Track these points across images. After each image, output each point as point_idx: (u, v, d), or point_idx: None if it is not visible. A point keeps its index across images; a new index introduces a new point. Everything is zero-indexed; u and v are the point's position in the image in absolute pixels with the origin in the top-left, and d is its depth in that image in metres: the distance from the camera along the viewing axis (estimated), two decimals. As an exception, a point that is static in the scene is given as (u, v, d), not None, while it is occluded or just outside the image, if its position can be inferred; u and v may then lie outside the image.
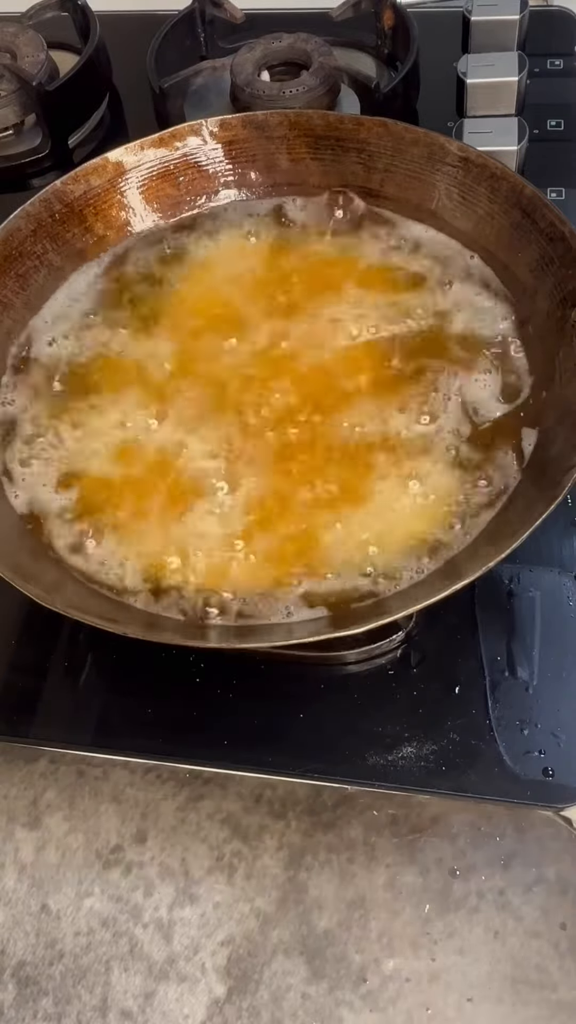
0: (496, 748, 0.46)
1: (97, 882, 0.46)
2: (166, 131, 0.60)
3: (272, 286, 0.58)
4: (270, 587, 0.47)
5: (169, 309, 0.58)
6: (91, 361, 0.56)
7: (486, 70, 0.67)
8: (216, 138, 0.61)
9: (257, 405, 0.53)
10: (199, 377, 0.54)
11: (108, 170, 0.60)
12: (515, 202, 0.54)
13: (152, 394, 0.54)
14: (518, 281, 0.54)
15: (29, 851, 0.48)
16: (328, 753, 0.47)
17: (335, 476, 0.50)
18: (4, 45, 0.76)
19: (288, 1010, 0.43)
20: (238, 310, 0.57)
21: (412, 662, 0.49)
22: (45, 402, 0.54)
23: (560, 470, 0.44)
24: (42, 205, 0.58)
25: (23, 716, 0.51)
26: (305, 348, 0.54)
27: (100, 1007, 0.44)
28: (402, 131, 0.57)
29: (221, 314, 0.57)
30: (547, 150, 0.67)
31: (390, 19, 0.74)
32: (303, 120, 0.59)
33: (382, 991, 0.43)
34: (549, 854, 0.44)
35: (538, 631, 0.49)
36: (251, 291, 0.58)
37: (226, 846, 0.46)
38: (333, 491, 0.49)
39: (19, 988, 0.45)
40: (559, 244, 0.51)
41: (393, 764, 0.46)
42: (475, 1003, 0.42)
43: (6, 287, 0.56)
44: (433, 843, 0.45)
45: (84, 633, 0.52)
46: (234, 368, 0.54)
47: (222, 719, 0.49)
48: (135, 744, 0.49)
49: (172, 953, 0.45)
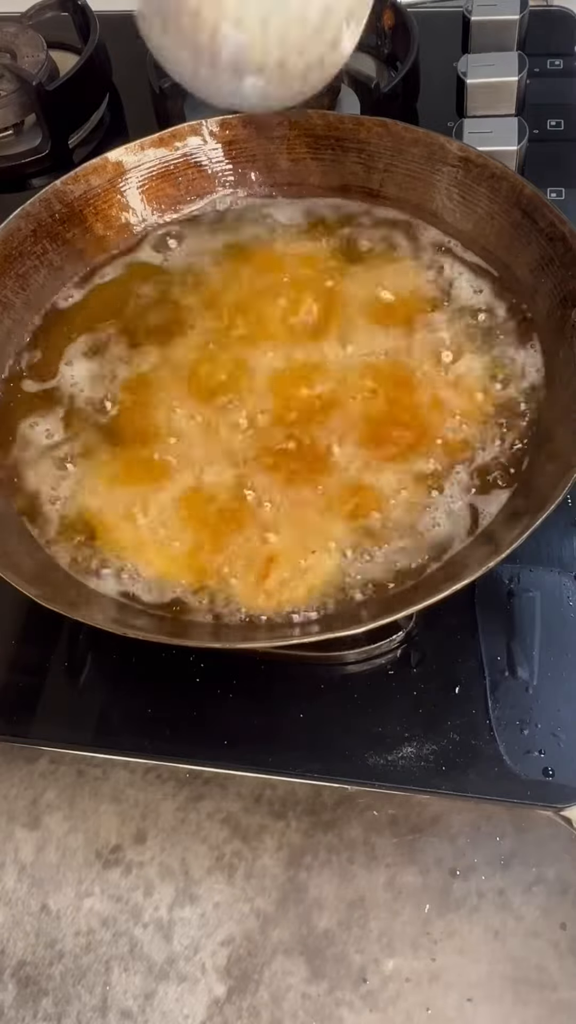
0: (496, 748, 0.46)
1: (97, 882, 0.46)
2: (166, 131, 0.60)
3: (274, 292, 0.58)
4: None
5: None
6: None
7: (486, 70, 0.67)
8: (216, 138, 0.61)
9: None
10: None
11: (108, 170, 0.60)
12: (515, 202, 0.54)
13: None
14: (518, 281, 0.54)
15: (29, 851, 0.48)
16: (328, 753, 0.47)
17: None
18: (4, 45, 0.76)
19: (288, 1010, 0.43)
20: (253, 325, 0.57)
21: (412, 662, 0.49)
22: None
23: (560, 470, 0.44)
24: (42, 205, 0.58)
25: (23, 716, 0.51)
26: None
27: (100, 1007, 0.44)
28: (402, 131, 0.57)
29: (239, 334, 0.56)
30: (547, 150, 0.67)
31: (390, 19, 0.74)
32: (303, 120, 0.59)
33: (382, 991, 0.43)
34: (549, 854, 0.44)
35: (538, 631, 0.49)
36: (253, 298, 0.57)
37: (226, 846, 0.46)
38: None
39: (19, 988, 0.45)
40: (559, 244, 0.51)
41: (393, 764, 0.46)
42: (475, 1003, 0.42)
43: (6, 287, 0.56)
44: (433, 843, 0.45)
45: (84, 633, 0.52)
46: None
47: (222, 719, 0.49)
48: (135, 744, 0.49)
49: (172, 953, 0.45)
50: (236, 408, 0.53)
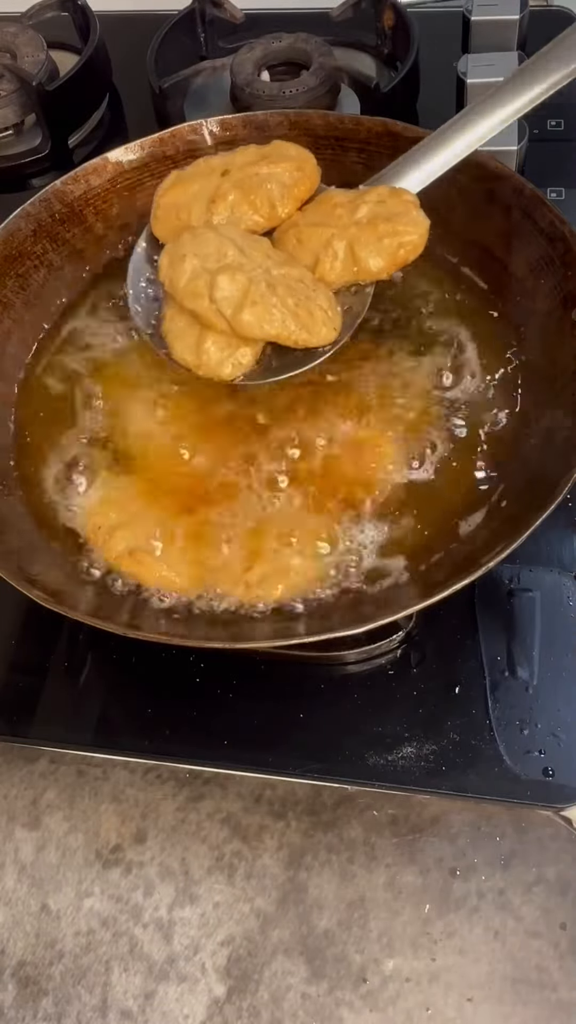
0: (496, 748, 0.46)
1: (97, 882, 0.46)
2: (166, 131, 0.60)
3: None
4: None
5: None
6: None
7: (486, 70, 0.67)
8: (216, 138, 0.61)
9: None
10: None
11: (108, 170, 0.60)
12: (515, 202, 0.54)
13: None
14: (518, 281, 0.54)
15: (29, 851, 0.48)
16: (328, 753, 0.47)
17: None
18: (4, 45, 0.76)
19: (288, 1010, 0.43)
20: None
21: (412, 662, 0.49)
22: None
23: (559, 470, 0.44)
24: (42, 205, 0.58)
25: (23, 716, 0.51)
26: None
27: (100, 1007, 0.44)
28: (402, 131, 0.57)
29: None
30: (547, 150, 0.67)
31: (390, 19, 0.74)
32: (303, 120, 0.59)
33: (382, 991, 0.43)
34: (549, 854, 0.44)
35: (538, 631, 0.49)
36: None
37: (226, 846, 0.46)
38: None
39: (19, 988, 0.45)
40: (559, 244, 0.51)
41: (393, 764, 0.46)
42: (475, 1003, 0.42)
43: (6, 287, 0.56)
44: (433, 843, 0.45)
45: (84, 633, 0.52)
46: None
47: (222, 719, 0.49)
48: (135, 744, 0.49)
49: (172, 953, 0.45)
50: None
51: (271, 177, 0.52)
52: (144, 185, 0.60)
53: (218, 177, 0.53)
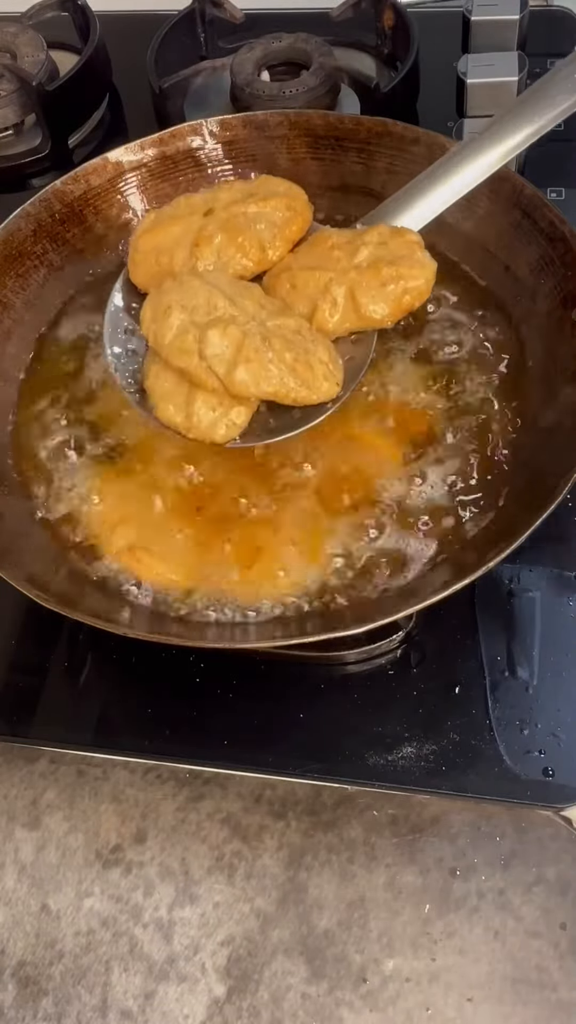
0: (496, 748, 0.46)
1: (97, 882, 0.46)
2: (166, 131, 0.60)
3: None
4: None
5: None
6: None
7: (486, 70, 0.67)
8: (216, 138, 0.61)
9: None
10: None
11: (108, 170, 0.60)
12: (515, 202, 0.54)
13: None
14: (518, 281, 0.54)
15: (29, 851, 0.48)
16: (328, 753, 0.47)
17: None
18: (4, 45, 0.76)
19: (288, 1010, 0.43)
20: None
21: (412, 662, 0.49)
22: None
23: (559, 470, 0.44)
24: (42, 205, 0.58)
25: (23, 716, 0.51)
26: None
27: (100, 1007, 0.44)
28: (402, 131, 0.57)
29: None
30: (547, 150, 0.67)
31: (390, 19, 0.74)
32: (303, 120, 0.59)
33: (382, 991, 0.43)
34: (549, 854, 0.44)
35: (538, 631, 0.49)
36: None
37: (226, 846, 0.46)
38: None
39: (19, 988, 0.45)
40: (559, 244, 0.51)
41: (393, 764, 0.46)
42: (475, 1003, 0.42)
43: (6, 287, 0.56)
44: (433, 843, 0.45)
45: (84, 633, 0.52)
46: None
47: (222, 719, 0.49)
48: (135, 744, 0.49)
49: (172, 953, 0.45)
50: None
51: (260, 216, 0.49)
52: (144, 185, 0.60)
53: (201, 217, 0.49)
